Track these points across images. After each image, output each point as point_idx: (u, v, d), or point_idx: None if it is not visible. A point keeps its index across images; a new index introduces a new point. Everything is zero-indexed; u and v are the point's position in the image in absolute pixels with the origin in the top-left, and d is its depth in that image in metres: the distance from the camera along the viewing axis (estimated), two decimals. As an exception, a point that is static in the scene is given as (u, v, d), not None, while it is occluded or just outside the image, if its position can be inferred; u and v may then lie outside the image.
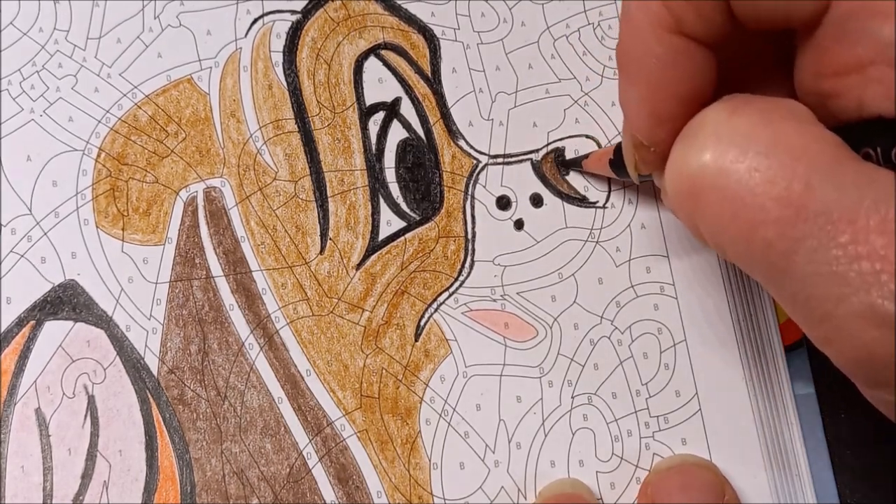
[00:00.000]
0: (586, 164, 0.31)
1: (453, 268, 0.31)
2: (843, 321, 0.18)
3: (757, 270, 0.20)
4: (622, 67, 0.23)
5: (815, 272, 0.18)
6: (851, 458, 0.31)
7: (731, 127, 0.20)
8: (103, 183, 0.31)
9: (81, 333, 0.30)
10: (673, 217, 0.31)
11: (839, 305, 0.18)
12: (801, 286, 0.19)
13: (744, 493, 0.30)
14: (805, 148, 0.19)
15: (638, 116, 0.23)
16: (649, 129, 0.23)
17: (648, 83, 0.22)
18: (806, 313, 0.19)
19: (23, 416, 0.29)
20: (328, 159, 0.31)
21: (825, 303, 0.18)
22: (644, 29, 0.22)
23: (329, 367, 0.30)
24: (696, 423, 0.30)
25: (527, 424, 0.30)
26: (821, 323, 0.19)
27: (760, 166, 0.19)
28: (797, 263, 0.18)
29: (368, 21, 0.32)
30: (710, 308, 0.31)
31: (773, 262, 0.19)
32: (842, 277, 0.18)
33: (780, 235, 0.19)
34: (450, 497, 0.30)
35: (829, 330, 0.19)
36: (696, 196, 0.20)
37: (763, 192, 0.19)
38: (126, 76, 0.31)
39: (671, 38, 0.22)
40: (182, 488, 0.29)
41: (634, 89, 0.23)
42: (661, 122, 0.22)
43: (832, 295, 0.18)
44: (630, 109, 0.24)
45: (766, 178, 0.19)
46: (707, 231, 0.21)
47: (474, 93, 0.32)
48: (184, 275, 0.30)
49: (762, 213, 0.19)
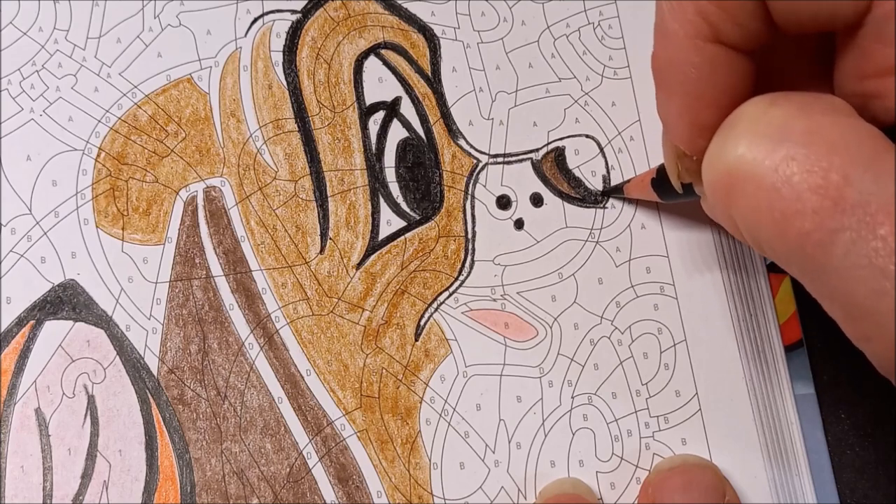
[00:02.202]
0: (628, 190, 0.31)
1: (453, 267, 0.31)
2: (884, 317, 0.18)
3: (794, 264, 0.19)
4: (659, 79, 0.23)
5: (854, 265, 0.18)
6: (851, 458, 0.31)
7: (767, 119, 0.20)
8: (103, 182, 0.31)
9: (81, 333, 0.30)
10: (673, 217, 0.31)
11: (880, 300, 0.18)
12: (839, 280, 0.18)
13: (744, 493, 0.30)
14: (843, 139, 0.19)
15: (678, 127, 0.23)
16: (690, 139, 0.23)
17: (687, 93, 0.22)
18: (845, 309, 0.19)
19: (23, 416, 0.29)
20: (328, 159, 0.31)
21: (865, 298, 0.18)
22: (681, 39, 0.22)
23: (329, 366, 0.30)
24: (696, 423, 0.30)
25: (527, 424, 0.30)
26: (861, 319, 0.18)
27: (797, 156, 0.19)
28: (835, 256, 0.18)
29: (368, 20, 0.32)
30: (710, 308, 0.31)
31: (810, 255, 0.19)
32: (882, 270, 0.17)
33: (817, 227, 0.18)
34: (450, 497, 0.30)
35: (869, 327, 0.18)
36: (731, 188, 0.20)
37: (800, 181, 0.18)
38: (126, 76, 0.31)
39: (709, 47, 0.21)
40: (182, 488, 0.29)
41: (673, 100, 0.23)
42: (702, 130, 0.22)
43: (872, 289, 0.18)
44: (670, 120, 0.23)
45: (803, 167, 0.18)
46: (743, 224, 0.20)
47: (474, 92, 0.32)
48: (184, 274, 0.30)
49: (799, 204, 0.18)
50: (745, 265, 0.31)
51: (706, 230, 0.31)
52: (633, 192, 0.31)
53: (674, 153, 0.25)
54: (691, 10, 0.21)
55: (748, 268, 0.31)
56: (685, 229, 0.31)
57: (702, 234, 0.31)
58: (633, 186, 0.31)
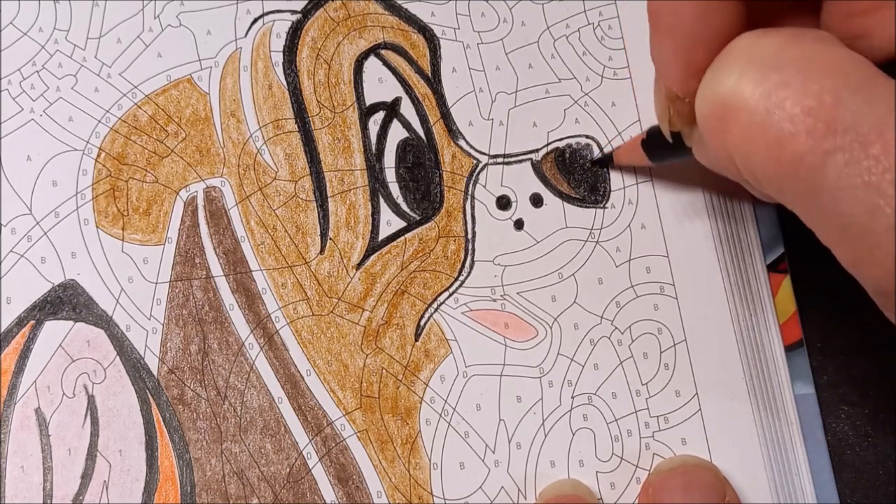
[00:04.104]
0: (617, 156, 0.31)
1: (453, 268, 0.31)
2: (878, 235, 0.18)
3: (787, 189, 0.20)
4: (654, 20, 0.23)
5: (848, 185, 0.18)
6: (851, 458, 0.31)
7: (760, 48, 0.20)
8: (103, 183, 0.31)
9: (81, 333, 0.30)
10: (673, 217, 0.31)
11: (874, 218, 0.18)
12: (832, 202, 0.18)
13: (744, 493, 0.30)
14: (835, 64, 0.19)
15: (672, 67, 0.23)
16: (684, 80, 0.23)
17: (682, 33, 0.22)
18: (839, 232, 0.19)
19: (23, 416, 0.29)
20: (328, 159, 0.31)
21: (859, 217, 0.18)
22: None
23: (329, 366, 0.30)
24: (696, 423, 0.30)
25: (527, 424, 0.30)
26: (856, 241, 0.19)
27: (791, 81, 0.19)
28: (828, 178, 0.18)
29: (368, 21, 0.32)
30: (710, 308, 0.31)
31: (804, 179, 0.19)
32: (875, 188, 0.18)
33: (810, 149, 0.18)
34: (450, 497, 0.30)
35: (863, 248, 0.18)
36: (725, 118, 0.20)
37: (793, 105, 0.19)
38: (126, 76, 0.31)
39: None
40: (182, 488, 0.29)
41: (667, 41, 0.23)
42: (696, 72, 0.22)
43: (866, 207, 0.18)
44: (663, 62, 0.24)
45: (796, 91, 0.19)
46: (737, 153, 0.20)
47: (474, 93, 0.32)
48: (184, 275, 0.30)
49: (792, 127, 0.19)
50: (745, 265, 0.31)
51: (707, 230, 0.31)
52: (624, 158, 0.31)
53: (666, 97, 0.25)
54: None
55: (748, 268, 0.31)
56: (685, 229, 0.31)
57: (702, 234, 0.31)
58: (623, 152, 0.31)
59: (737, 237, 0.31)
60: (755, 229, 0.31)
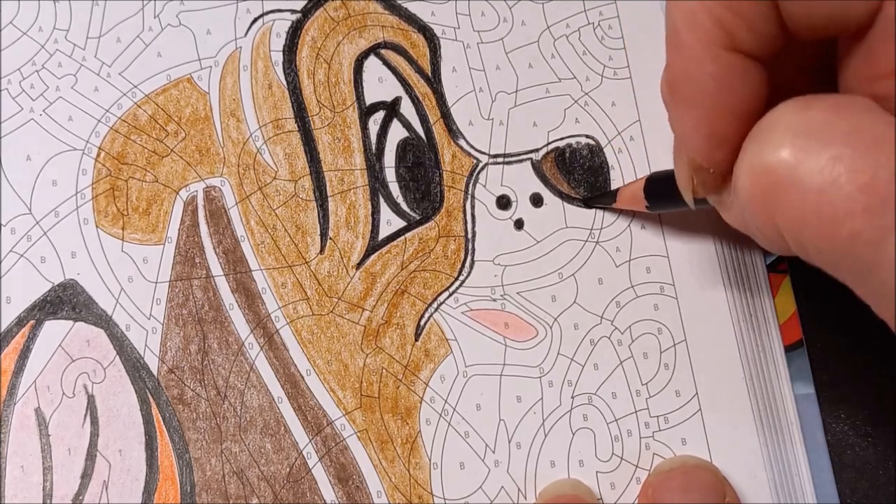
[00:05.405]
0: (618, 204, 0.31)
1: (453, 267, 0.31)
2: None
3: (843, 266, 0.19)
4: (674, 92, 0.23)
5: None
6: (851, 458, 0.31)
7: (806, 121, 0.20)
8: (103, 182, 0.31)
9: (81, 333, 0.30)
10: (673, 217, 0.31)
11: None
12: (890, 277, 0.18)
13: (744, 493, 0.30)
14: (885, 136, 0.19)
15: (695, 139, 0.23)
16: (709, 151, 0.23)
17: (705, 105, 0.22)
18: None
19: (22, 416, 0.29)
20: (328, 159, 0.31)
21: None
22: (696, 49, 0.21)
23: (329, 366, 0.30)
24: (696, 423, 0.30)
25: (527, 424, 0.30)
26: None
27: (843, 156, 0.19)
28: (886, 253, 0.18)
29: (368, 20, 0.32)
30: (710, 308, 0.31)
31: (860, 256, 0.19)
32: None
33: (867, 226, 0.18)
34: (450, 497, 0.30)
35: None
36: (775, 194, 0.20)
37: (847, 182, 0.18)
38: (126, 75, 0.31)
39: (726, 55, 0.21)
40: (182, 488, 0.29)
41: (690, 113, 0.22)
42: (720, 142, 0.22)
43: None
44: (686, 133, 0.23)
45: (850, 167, 0.18)
46: (788, 229, 0.20)
47: (474, 92, 0.32)
48: (184, 274, 0.30)
49: (849, 204, 0.18)
50: (744, 265, 0.31)
51: (706, 230, 0.31)
52: (625, 204, 0.31)
53: (689, 167, 0.24)
54: (706, 17, 0.21)
55: (748, 268, 0.31)
56: (685, 229, 0.31)
57: (702, 235, 0.31)
58: (625, 200, 0.30)
59: (737, 237, 0.31)
60: (755, 229, 0.31)
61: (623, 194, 0.30)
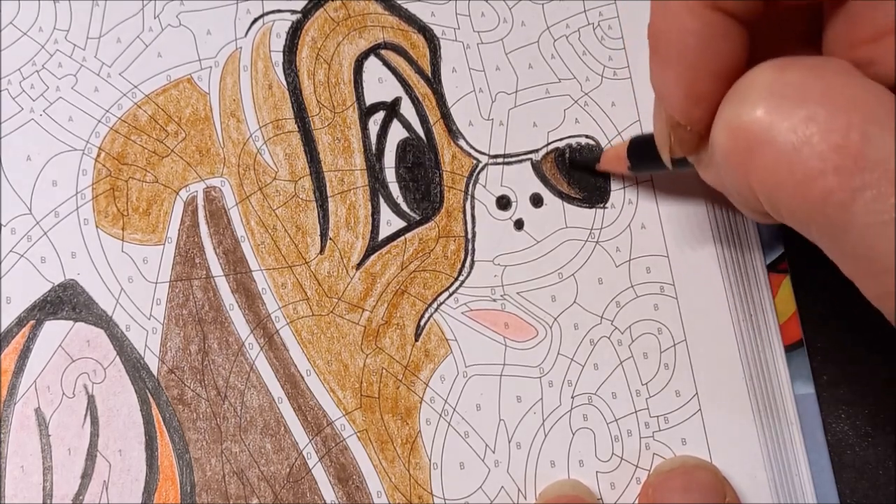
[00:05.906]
0: (601, 166, 0.31)
1: (453, 268, 0.31)
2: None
3: (814, 225, 0.20)
4: (655, 49, 0.23)
5: (876, 221, 0.18)
6: (851, 458, 0.31)
7: (783, 82, 0.20)
8: (103, 182, 0.31)
9: (81, 333, 0.30)
10: (673, 217, 0.31)
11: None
12: (860, 238, 0.19)
13: (744, 493, 0.30)
14: (859, 98, 0.19)
15: (674, 96, 0.23)
16: (687, 109, 0.23)
17: (685, 62, 0.22)
18: (866, 267, 0.19)
19: (22, 416, 0.29)
20: (328, 159, 0.31)
21: (887, 253, 0.18)
22: (679, 6, 0.22)
23: (329, 366, 0.30)
24: (696, 423, 0.30)
25: (527, 424, 0.30)
26: (882, 275, 0.19)
27: (817, 116, 0.19)
28: (856, 214, 0.18)
29: (368, 21, 0.32)
30: (710, 308, 0.31)
31: (831, 215, 0.19)
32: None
33: (839, 185, 0.18)
34: (450, 497, 0.30)
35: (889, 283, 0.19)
36: (750, 152, 0.20)
37: (820, 141, 0.19)
38: (126, 76, 0.31)
39: (708, 13, 0.21)
40: (182, 488, 0.29)
41: (670, 69, 0.23)
42: (699, 100, 0.22)
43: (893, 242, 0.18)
44: (665, 90, 0.23)
45: (823, 127, 0.19)
46: (761, 188, 0.20)
47: (474, 93, 0.32)
48: (184, 274, 0.30)
49: (820, 163, 0.19)
50: (745, 265, 0.31)
51: (706, 230, 0.31)
52: (608, 166, 0.31)
53: (667, 124, 0.25)
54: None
55: (748, 268, 0.31)
56: (685, 229, 0.31)
57: (702, 234, 0.31)
58: (608, 162, 0.30)
59: (737, 237, 0.31)
60: (755, 229, 0.31)
61: (607, 154, 0.31)
